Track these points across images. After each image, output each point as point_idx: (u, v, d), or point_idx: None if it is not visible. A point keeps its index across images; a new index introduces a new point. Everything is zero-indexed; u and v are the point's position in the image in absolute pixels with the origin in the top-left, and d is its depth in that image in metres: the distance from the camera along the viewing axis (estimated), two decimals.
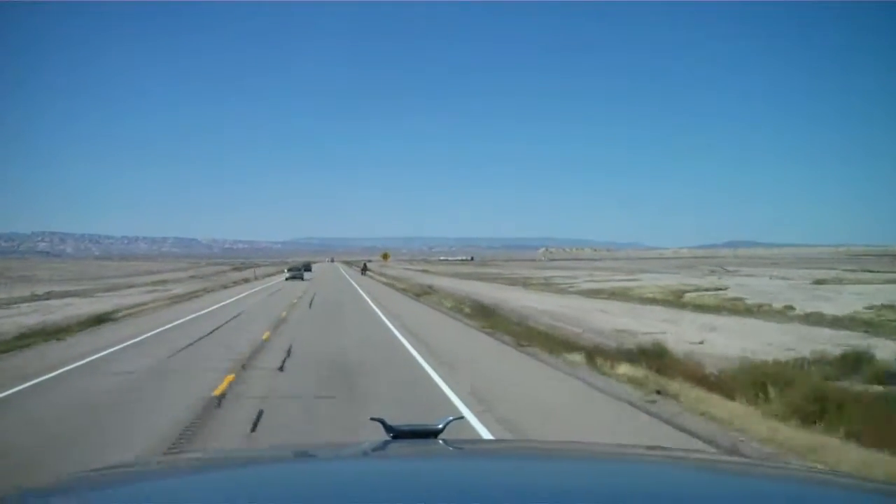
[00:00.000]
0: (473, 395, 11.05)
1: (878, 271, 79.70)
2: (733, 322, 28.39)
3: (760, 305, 36.18)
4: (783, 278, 70.81)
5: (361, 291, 45.71)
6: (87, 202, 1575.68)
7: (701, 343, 21.21)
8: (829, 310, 31.95)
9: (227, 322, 24.06)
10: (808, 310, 32.21)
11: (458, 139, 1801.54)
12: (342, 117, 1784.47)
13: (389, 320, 24.35)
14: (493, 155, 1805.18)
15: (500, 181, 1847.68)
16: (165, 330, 22.22)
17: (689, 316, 31.55)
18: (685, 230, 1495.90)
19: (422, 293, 40.72)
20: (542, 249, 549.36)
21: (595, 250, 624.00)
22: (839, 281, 60.45)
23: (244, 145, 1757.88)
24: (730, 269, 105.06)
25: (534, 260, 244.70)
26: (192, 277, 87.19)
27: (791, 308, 33.56)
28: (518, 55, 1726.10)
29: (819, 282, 59.65)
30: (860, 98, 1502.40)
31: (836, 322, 27.42)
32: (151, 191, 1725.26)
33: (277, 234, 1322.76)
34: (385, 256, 67.23)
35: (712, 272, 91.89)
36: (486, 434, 8.38)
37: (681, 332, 24.50)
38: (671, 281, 66.66)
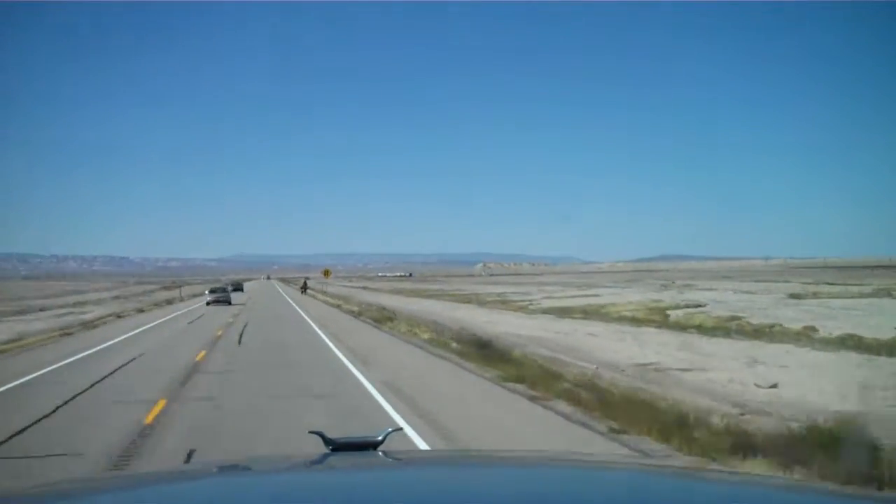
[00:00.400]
0: None
1: (838, 284, 76.98)
2: (767, 351, 23.03)
3: (771, 326, 31.15)
4: (747, 292, 66.89)
5: (306, 317, 37.89)
6: (14, 220, 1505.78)
7: (774, 387, 15.62)
8: (856, 331, 27.10)
9: (109, 374, 15.34)
10: (835, 332, 27.27)
11: (390, 154, 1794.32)
12: (271, 132, 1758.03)
13: (360, 369, 15.71)
14: (423, 170, 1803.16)
15: (432, 196, 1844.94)
16: None
17: (701, 342, 26.12)
18: (616, 244, 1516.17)
19: (382, 318, 32.93)
20: (481, 264, 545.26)
21: (533, 265, 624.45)
22: (815, 295, 56.63)
23: (175, 161, 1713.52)
24: (679, 282, 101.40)
25: (473, 275, 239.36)
26: (115, 298, 78.33)
27: (813, 329, 28.57)
28: (440, 62, 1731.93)
29: (795, 296, 55.73)
30: (781, 113, 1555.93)
31: (892, 349, 22.38)
32: (81, 208, 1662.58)
33: (210, 252, 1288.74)
34: (326, 273, 59.52)
35: (664, 287, 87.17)
36: None
37: (728, 369, 18.96)
38: (635, 296, 61.69)
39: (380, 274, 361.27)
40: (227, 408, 11.74)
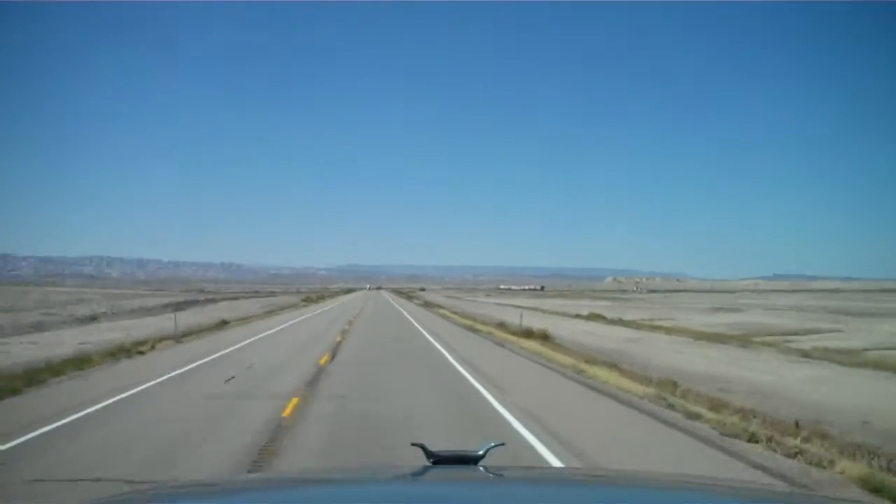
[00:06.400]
0: None
1: None
2: None
3: None
4: None
5: None
6: (134, 227, 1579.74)
7: None
8: None
9: None
10: None
11: (502, 166, 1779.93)
12: (394, 146, 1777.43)
13: None
14: (535, 184, 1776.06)
15: (540, 210, 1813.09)
16: None
17: None
18: (725, 262, 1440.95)
19: None
20: (610, 279, 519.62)
21: (665, 280, 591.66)
22: None
23: (295, 173, 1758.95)
24: None
25: (625, 290, 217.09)
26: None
27: None
28: (529, 73, 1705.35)
29: None
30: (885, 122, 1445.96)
31: None
32: (201, 216, 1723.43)
33: (322, 261, 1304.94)
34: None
35: None
36: None
37: None
38: None
39: (502, 287, 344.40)
40: None
